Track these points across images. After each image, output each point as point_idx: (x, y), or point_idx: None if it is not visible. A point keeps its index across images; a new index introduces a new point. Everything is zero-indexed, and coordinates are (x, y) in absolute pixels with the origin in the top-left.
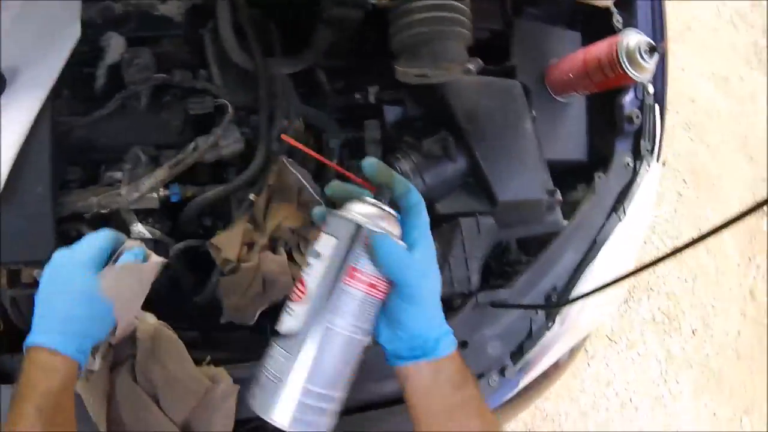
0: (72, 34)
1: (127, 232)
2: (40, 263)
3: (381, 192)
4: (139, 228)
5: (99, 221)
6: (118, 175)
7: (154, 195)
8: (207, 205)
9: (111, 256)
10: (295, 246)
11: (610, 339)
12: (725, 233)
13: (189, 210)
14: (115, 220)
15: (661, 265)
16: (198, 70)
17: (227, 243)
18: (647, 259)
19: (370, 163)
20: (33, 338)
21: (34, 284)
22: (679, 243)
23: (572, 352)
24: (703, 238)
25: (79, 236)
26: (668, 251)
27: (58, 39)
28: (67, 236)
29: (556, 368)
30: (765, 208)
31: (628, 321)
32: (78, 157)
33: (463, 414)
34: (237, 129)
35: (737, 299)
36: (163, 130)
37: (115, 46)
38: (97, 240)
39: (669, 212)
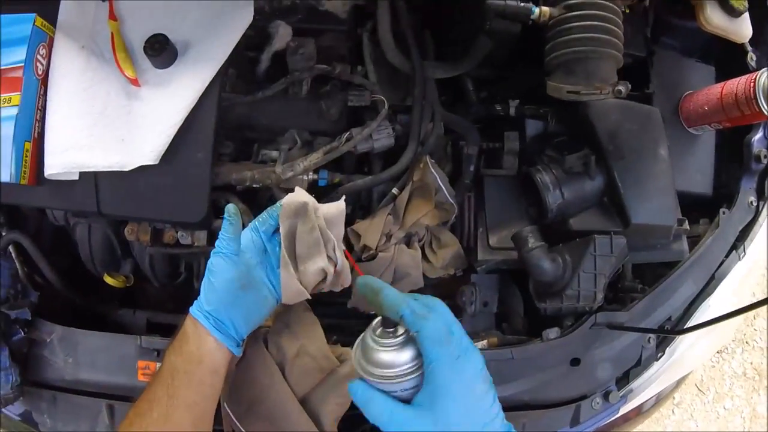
0: (244, 17)
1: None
2: (190, 225)
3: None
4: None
5: (248, 195)
6: (273, 154)
7: (305, 177)
8: (352, 193)
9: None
10: (427, 243)
11: (698, 388)
12: None
13: (335, 196)
14: (263, 197)
15: (760, 318)
16: (355, 66)
17: (368, 231)
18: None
19: (362, 283)
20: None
21: (175, 245)
22: None
23: (675, 386)
24: None
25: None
26: None
27: (231, 20)
28: (216, 205)
29: (653, 403)
30: None
31: (719, 372)
32: (234, 132)
33: None
34: (389, 125)
35: None
36: (320, 118)
37: (282, 34)
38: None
39: None
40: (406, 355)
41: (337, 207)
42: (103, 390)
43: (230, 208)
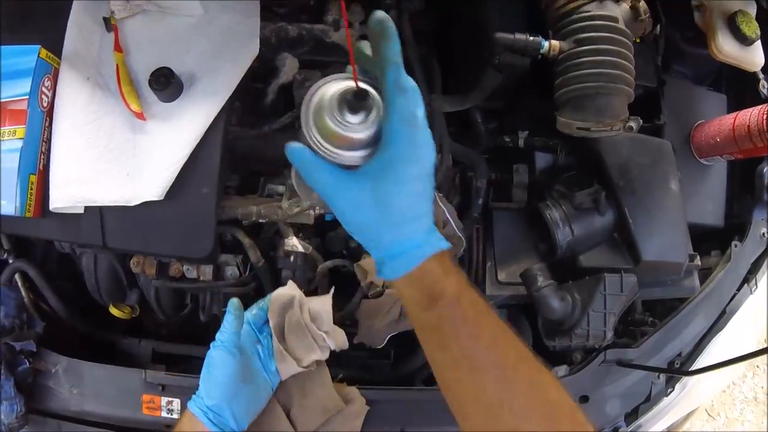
0: (251, 50)
1: (281, 243)
2: (196, 260)
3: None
4: (293, 241)
5: (254, 229)
6: (280, 188)
7: (311, 212)
8: None
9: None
10: None
11: (709, 414)
12: None
13: (342, 231)
14: (268, 231)
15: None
16: None
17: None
18: None
19: (377, 20)
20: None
21: (180, 278)
22: None
23: (685, 418)
24: None
25: (234, 241)
26: None
27: (237, 53)
28: (222, 239)
29: None
30: None
31: (729, 397)
32: (240, 165)
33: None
34: None
35: None
36: None
37: (289, 66)
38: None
39: None
40: (365, 138)
41: (324, 303)
42: (108, 421)
43: (234, 302)
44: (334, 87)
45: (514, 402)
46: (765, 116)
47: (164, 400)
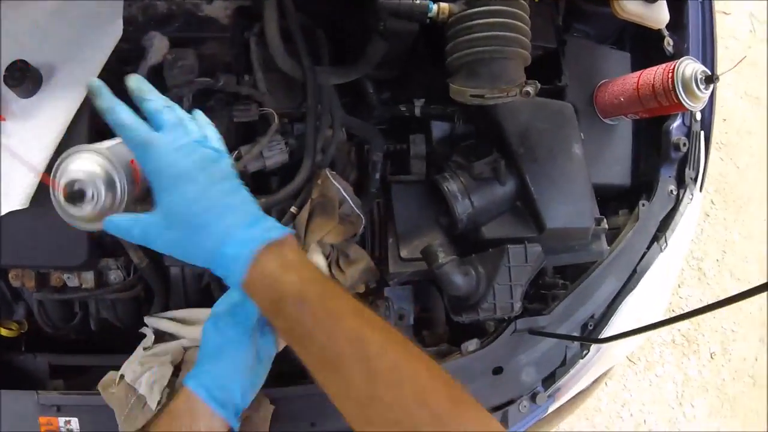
0: (113, 32)
1: None
2: (74, 268)
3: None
4: None
5: None
6: None
7: None
8: None
9: None
10: (334, 261)
11: (629, 360)
12: (750, 255)
13: None
14: None
15: (684, 287)
16: (243, 75)
17: None
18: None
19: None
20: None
21: (62, 288)
22: (704, 265)
23: (599, 379)
24: (737, 298)
25: (113, 245)
26: (701, 306)
27: (99, 37)
28: (100, 242)
29: (582, 395)
30: None
31: (648, 342)
32: None
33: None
34: (282, 139)
35: (757, 325)
36: None
37: (158, 46)
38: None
39: (695, 233)
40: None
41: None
42: None
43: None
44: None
45: (384, 394)
46: (670, 74)
47: (62, 420)
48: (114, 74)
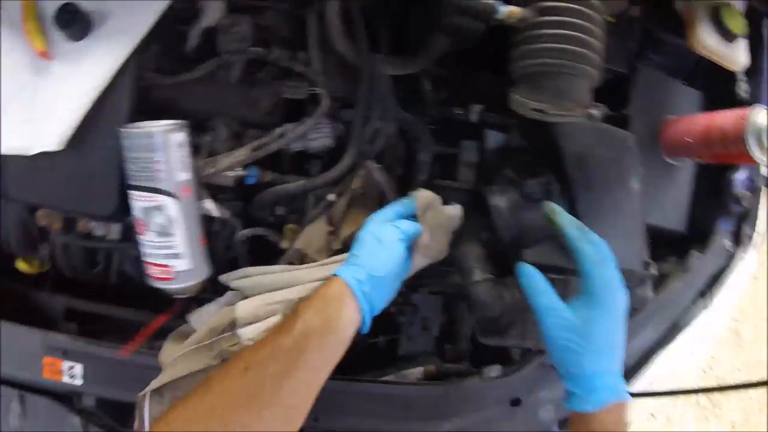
0: None
1: None
2: (101, 217)
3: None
4: (208, 205)
5: None
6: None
7: (230, 173)
8: (281, 196)
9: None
10: None
11: (651, 414)
12: None
13: (264, 197)
14: None
15: (717, 346)
16: (297, 51)
17: (306, 240)
18: None
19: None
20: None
21: (87, 236)
22: (742, 327)
23: None
24: None
25: None
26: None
27: None
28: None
29: None
30: None
31: (672, 398)
32: (157, 116)
33: None
34: (329, 123)
35: None
36: (252, 108)
37: (213, 9)
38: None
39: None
40: None
41: (455, 209)
42: (11, 380)
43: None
44: None
45: None
46: (742, 122)
47: (66, 364)
48: (166, 31)
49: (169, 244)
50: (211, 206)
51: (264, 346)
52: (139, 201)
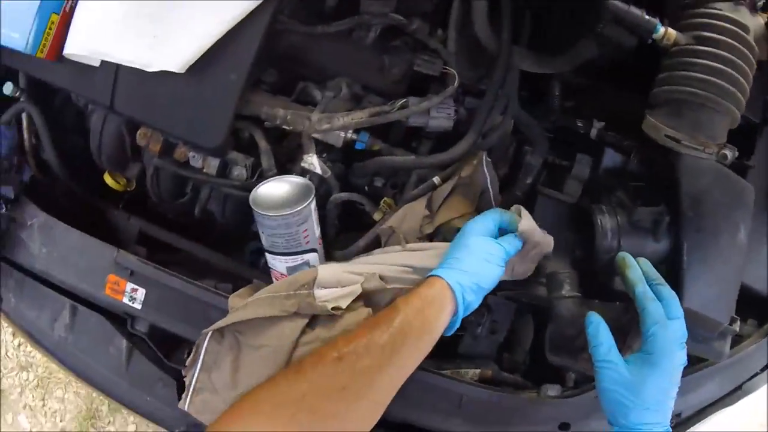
0: None
1: (300, 158)
2: (203, 149)
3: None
4: (313, 159)
5: (276, 134)
6: (318, 96)
7: (341, 134)
8: (388, 168)
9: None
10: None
11: None
12: None
13: (369, 165)
14: (292, 141)
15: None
16: (436, 28)
17: (404, 220)
18: None
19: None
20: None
21: (183, 164)
22: None
23: None
24: None
25: (250, 140)
26: None
27: None
28: (237, 135)
29: None
30: None
31: None
32: (281, 63)
33: None
34: (453, 106)
35: None
36: (379, 74)
37: None
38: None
39: None
40: None
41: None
42: (69, 289)
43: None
44: None
45: None
46: None
47: (129, 285)
48: None
49: None
50: (315, 161)
51: (359, 337)
52: (283, 263)
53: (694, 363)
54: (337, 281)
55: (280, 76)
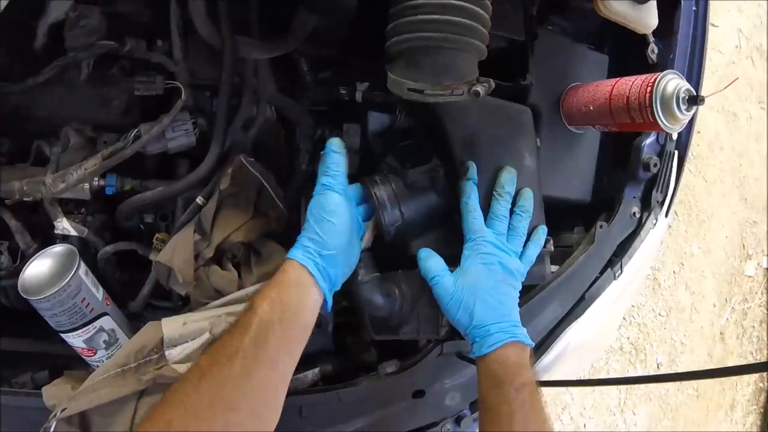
0: None
1: (52, 225)
2: None
3: None
4: (63, 224)
5: (23, 208)
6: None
7: (86, 186)
8: (142, 206)
9: None
10: (244, 260)
11: None
12: (707, 270)
13: (124, 208)
14: (42, 209)
15: (637, 295)
16: (157, 40)
17: (177, 253)
18: None
19: None
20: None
21: None
22: (660, 275)
23: None
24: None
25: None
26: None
27: None
28: None
29: None
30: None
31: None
32: (9, 127)
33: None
34: (189, 119)
35: (706, 339)
36: (104, 109)
37: (58, 1)
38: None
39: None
40: None
41: None
42: None
43: (336, 141)
44: None
45: None
46: (649, 89)
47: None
48: (12, 28)
49: (119, 343)
50: (66, 225)
51: (219, 349)
52: (78, 337)
53: (528, 292)
54: (183, 336)
55: (14, 143)
